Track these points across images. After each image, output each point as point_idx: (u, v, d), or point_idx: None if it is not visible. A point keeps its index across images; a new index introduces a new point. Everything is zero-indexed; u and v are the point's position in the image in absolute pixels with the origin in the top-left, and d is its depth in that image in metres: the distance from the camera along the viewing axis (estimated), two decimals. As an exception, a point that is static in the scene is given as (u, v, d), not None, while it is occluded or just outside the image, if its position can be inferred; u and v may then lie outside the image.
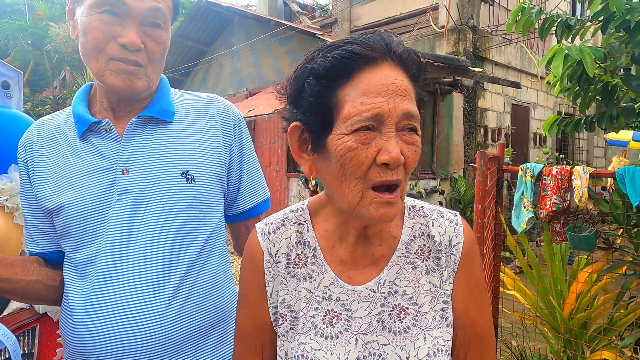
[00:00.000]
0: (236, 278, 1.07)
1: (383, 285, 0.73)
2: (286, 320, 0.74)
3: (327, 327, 0.72)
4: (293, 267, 0.76)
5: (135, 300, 0.85)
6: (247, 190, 1.07)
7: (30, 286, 0.90)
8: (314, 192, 5.02)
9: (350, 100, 0.63)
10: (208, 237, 0.95)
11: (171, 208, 0.90)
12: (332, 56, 0.64)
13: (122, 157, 0.91)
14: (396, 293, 0.73)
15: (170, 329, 0.86)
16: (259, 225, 0.80)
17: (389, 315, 0.72)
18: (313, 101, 0.66)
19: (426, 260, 0.74)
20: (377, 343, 0.70)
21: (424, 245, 0.75)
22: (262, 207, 1.12)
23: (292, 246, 0.77)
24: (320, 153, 0.68)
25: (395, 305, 0.72)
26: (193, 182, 0.93)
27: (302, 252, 0.77)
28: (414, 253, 0.75)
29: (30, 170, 0.96)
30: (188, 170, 0.93)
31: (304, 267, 0.76)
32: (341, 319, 0.72)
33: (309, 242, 0.77)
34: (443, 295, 0.73)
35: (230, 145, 1.02)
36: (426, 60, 5.40)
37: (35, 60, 14.62)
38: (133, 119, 0.93)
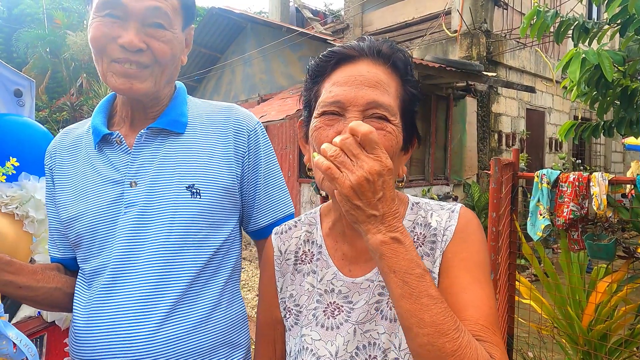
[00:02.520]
0: (244, 286, 1.05)
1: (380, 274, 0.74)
2: (292, 315, 0.80)
3: (328, 318, 0.75)
4: (300, 264, 0.82)
5: (130, 315, 0.83)
6: (263, 206, 1.00)
7: (50, 293, 0.90)
8: (325, 198, 4.99)
9: (324, 90, 0.72)
10: (215, 252, 0.91)
11: (173, 223, 0.87)
12: (320, 56, 0.75)
13: (130, 170, 0.90)
14: None
15: (163, 345, 0.83)
16: (275, 227, 0.89)
17: (387, 303, 0.73)
18: (305, 96, 0.78)
19: (421, 246, 0.75)
20: (377, 332, 0.71)
21: (421, 233, 0.76)
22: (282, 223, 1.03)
23: (301, 244, 0.83)
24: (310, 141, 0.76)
25: None
26: (198, 196, 0.89)
27: (309, 249, 0.82)
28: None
29: (54, 178, 0.97)
30: (194, 184, 0.90)
31: (309, 263, 0.81)
32: (342, 311, 0.75)
33: (316, 240, 0.83)
34: (434, 281, 0.71)
35: (243, 157, 0.97)
36: (438, 65, 5.35)
37: (53, 68, 14.95)
38: (142, 131, 0.92)
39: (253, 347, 0.91)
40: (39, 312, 1.21)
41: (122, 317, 0.83)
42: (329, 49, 0.74)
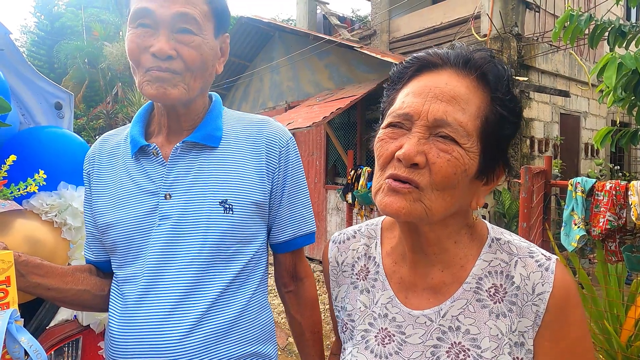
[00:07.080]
0: (271, 291, 1.05)
1: (443, 317, 0.69)
2: (348, 329, 0.78)
3: (378, 345, 0.71)
4: (356, 279, 0.79)
5: (161, 321, 0.86)
6: (284, 222, 1.00)
7: (78, 295, 0.94)
8: (351, 205, 4.98)
9: (397, 99, 0.67)
10: (244, 266, 0.93)
11: (205, 237, 0.88)
12: (401, 63, 0.69)
13: (166, 182, 0.91)
14: (458, 330, 0.67)
15: (192, 351, 0.85)
16: (335, 234, 0.86)
17: (447, 352, 0.67)
18: (382, 103, 0.72)
19: (499, 303, 0.66)
20: None
21: (500, 285, 0.67)
22: (300, 241, 1.03)
23: (358, 258, 0.80)
24: None
25: (454, 342, 0.67)
26: (231, 211, 0.90)
27: (364, 265, 0.79)
28: (486, 291, 0.68)
29: (91, 183, 1.00)
30: (227, 199, 0.90)
31: (364, 280, 0.78)
32: (394, 341, 0.71)
33: (374, 257, 0.79)
34: (507, 346, 0.65)
35: (274, 172, 0.97)
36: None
37: (91, 77, 15.65)
38: (178, 144, 0.93)
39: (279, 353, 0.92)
40: (75, 316, 1.26)
41: (154, 323, 0.86)
42: (413, 55, 0.68)
